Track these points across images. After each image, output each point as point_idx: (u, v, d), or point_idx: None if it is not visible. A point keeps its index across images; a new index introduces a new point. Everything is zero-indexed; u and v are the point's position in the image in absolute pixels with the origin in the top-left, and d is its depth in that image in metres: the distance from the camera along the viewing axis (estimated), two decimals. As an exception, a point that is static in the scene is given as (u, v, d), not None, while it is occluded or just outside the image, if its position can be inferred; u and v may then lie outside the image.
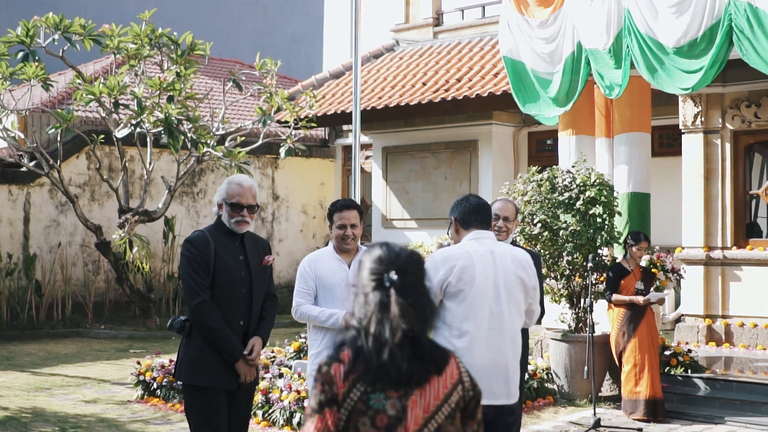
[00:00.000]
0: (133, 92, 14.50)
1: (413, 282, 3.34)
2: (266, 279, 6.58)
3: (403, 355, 3.22)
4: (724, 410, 10.70)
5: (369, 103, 19.16)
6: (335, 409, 3.25)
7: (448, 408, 3.29)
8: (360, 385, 3.24)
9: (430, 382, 3.27)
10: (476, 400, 3.37)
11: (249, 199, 6.36)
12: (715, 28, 10.83)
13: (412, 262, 3.37)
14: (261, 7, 35.96)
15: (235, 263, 6.34)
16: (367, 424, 3.21)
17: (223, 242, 6.34)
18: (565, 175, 11.82)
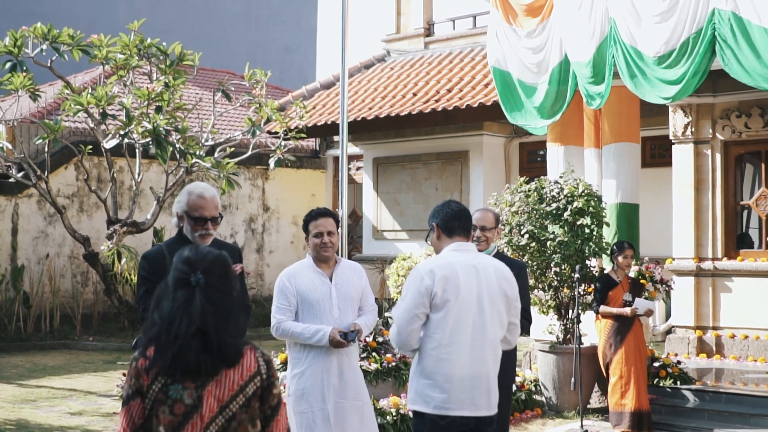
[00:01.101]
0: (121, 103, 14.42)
1: (216, 282, 3.67)
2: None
3: (193, 350, 3.55)
4: (712, 422, 10.64)
5: (360, 114, 19.11)
6: (140, 400, 3.64)
7: (243, 398, 3.66)
8: (161, 378, 3.61)
9: (225, 375, 3.62)
10: (270, 387, 3.74)
11: (212, 211, 6.09)
12: (696, 37, 10.78)
13: (216, 265, 3.72)
14: (254, 18, 35.94)
15: None
16: (166, 412, 3.58)
17: None
18: (553, 185, 11.76)
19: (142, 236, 18.79)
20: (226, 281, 3.73)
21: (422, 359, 5.64)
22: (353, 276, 6.98)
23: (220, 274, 3.72)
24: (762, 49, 10.14)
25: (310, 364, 6.69)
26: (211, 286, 3.67)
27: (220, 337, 3.62)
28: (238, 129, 19.18)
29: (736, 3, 10.35)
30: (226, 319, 3.66)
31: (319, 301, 6.73)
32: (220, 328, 3.63)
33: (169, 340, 3.59)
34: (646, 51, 11.23)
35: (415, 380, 5.68)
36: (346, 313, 6.83)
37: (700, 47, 10.72)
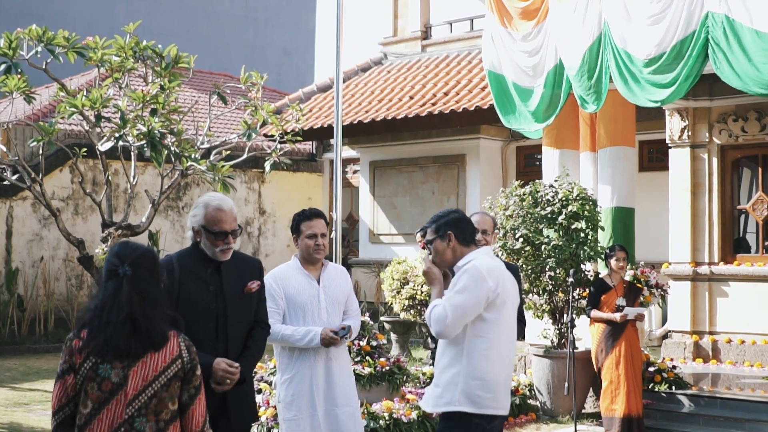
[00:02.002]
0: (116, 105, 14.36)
1: (143, 274, 4.19)
2: (250, 309, 5.86)
3: (123, 334, 4.07)
4: (707, 427, 10.61)
5: (356, 117, 19.06)
6: (72, 375, 4.14)
7: (165, 378, 4.14)
8: (92, 357, 4.09)
9: (150, 357, 4.11)
10: (193, 369, 4.24)
11: (231, 224, 5.73)
12: (688, 40, 10.74)
13: (143, 258, 4.22)
14: (252, 20, 35.90)
15: (202, 294, 5.66)
16: (95, 388, 4.09)
17: (192, 270, 5.68)
18: (548, 189, 11.72)
19: (137, 239, 18.68)
20: (153, 273, 4.25)
21: (471, 359, 5.63)
22: (340, 279, 6.92)
23: (146, 266, 4.23)
24: (753, 53, 10.10)
25: (297, 369, 6.63)
26: (138, 277, 4.18)
27: (147, 322, 4.11)
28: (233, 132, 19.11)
29: (729, 6, 10.31)
30: (153, 306, 4.17)
31: (307, 304, 6.66)
32: (148, 315, 4.13)
33: (101, 325, 4.11)
34: (636, 54, 11.19)
35: (462, 381, 5.63)
36: (334, 316, 6.77)
37: (693, 50, 10.68)
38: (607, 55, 11.58)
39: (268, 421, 9.96)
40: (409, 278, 13.72)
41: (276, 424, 9.91)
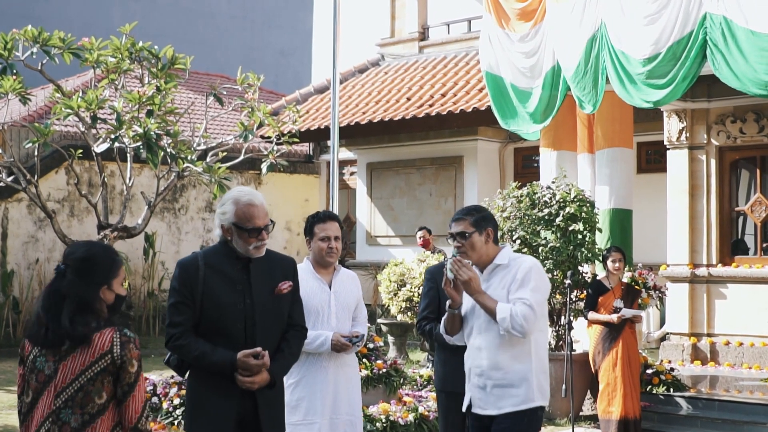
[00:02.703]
0: (112, 106, 14.30)
1: (74, 274, 4.37)
2: (282, 310, 5.49)
3: (41, 328, 4.34)
4: (705, 429, 10.59)
5: (353, 119, 19.01)
6: (22, 366, 4.46)
7: (92, 373, 4.27)
8: (34, 350, 4.38)
9: (80, 352, 4.28)
10: (123, 365, 4.31)
11: (264, 219, 5.41)
12: (684, 41, 10.69)
13: (80, 260, 4.42)
14: (249, 21, 35.83)
15: (229, 294, 5.33)
16: (33, 379, 4.36)
17: (219, 268, 5.36)
18: (545, 190, 11.68)
19: (133, 241, 18.66)
20: (87, 273, 4.39)
21: (539, 354, 5.75)
22: (351, 285, 6.85)
23: (80, 267, 4.40)
24: (750, 53, 10.06)
25: (304, 374, 6.54)
26: (69, 277, 4.38)
27: (48, 317, 4.32)
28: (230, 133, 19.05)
29: (727, 7, 10.26)
30: (76, 304, 4.33)
31: (317, 309, 6.58)
32: (68, 312, 4.31)
33: (36, 320, 4.43)
34: (633, 54, 11.15)
35: (534, 376, 5.70)
36: (343, 322, 6.70)
37: (691, 51, 10.63)
38: (603, 56, 11.54)
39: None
40: (407, 280, 13.66)
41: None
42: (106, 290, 4.48)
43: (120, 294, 4.58)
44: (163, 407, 10.93)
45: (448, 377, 7.37)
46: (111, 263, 4.54)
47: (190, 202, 21.64)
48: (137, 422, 4.34)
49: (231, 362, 5.22)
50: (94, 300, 4.41)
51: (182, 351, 5.31)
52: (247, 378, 5.24)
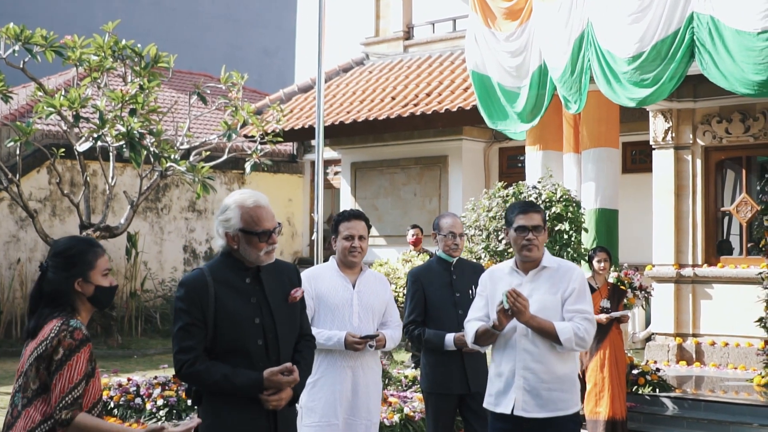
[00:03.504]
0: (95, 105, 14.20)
1: (50, 269, 4.50)
2: (295, 319, 5.11)
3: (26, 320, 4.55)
4: (691, 430, 10.56)
5: (337, 118, 18.93)
6: None
7: (32, 359, 4.35)
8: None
9: (33, 340, 4.40)
10: (50, 350, 4.31)
11: (272, 221, 4.94)
12: (670, 40, 10.64)
13: (52, 254, 4.55)
14: (232, 20, 35.69)
15: (244, 308, 4.87)
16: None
17: (228, 283, 4.89)
18: (531, 190, 11.64)
19: (115, 241, 18.54)
20: (63, 267, 4.48)
21: (576, 359, 5.92)
22: (377, 286, 6.71)
23: (55, 262, 4.50)
24: (739, 53, 10.02)
25: (322, 374, 6.41)
26: (49, 272, 4.51)
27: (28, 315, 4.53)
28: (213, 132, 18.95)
29: (714, 6, 10.23)
30: (47, 298, 4.46)
31: (339, 307, 6.46)
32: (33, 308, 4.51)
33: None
34: (618, 53, 11.11)
35: (577, 381, 5.87)
36: (367, 323, 6.54)
37: (678, 51, 10.59)
38: (589, 55, 11.50)
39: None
40: (392, 280, 13.59)
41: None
42: (82, 283, 4.51)
43: (101, 285, 4.56)
44: (147, 408, 10.86)
45: (439, 380, 7.30)
46: (85, 254, 4.54)
47: (173, 202, 21.51)
48: (53, 411, 4.30)
49: (258, 383, 4.78)
50: (67, 293, 4.48)
51: (199, 378, 4.80)
52: (274, 396, 4.83)
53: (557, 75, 11.89)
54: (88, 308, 4.59)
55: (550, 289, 5.73)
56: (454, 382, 7.26)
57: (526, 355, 5.70)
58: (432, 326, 7.27)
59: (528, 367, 5.69)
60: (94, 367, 4.47)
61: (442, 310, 7.31)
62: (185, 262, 21.86)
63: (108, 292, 4.62)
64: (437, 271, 7.47)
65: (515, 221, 5.81)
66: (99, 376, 4.53)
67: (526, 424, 5.71)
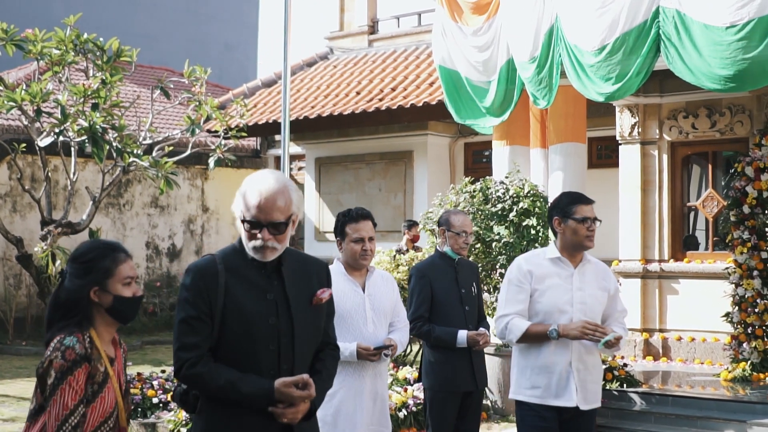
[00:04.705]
0: (56, 99, 14.02)
1: (67, 276, 4.16)
2: (318, 324, 4.43)
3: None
4: (659, 425, 10.52)
5: (302, 113, 18.82)
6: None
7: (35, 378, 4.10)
8: None
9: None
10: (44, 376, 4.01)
11: (273, 213, 4.16)
12: (634, 33, 10.59)
13: (69, 259, 4.20)
14: (193, 14, 35.41)
15: (257, 305, 4.21)
16: None
17: (242, 274, 4.24)
18: (498, 185, 11.63)
19: (77, 237, 18.32)
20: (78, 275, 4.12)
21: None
22: (386, 287, 6.46)
23: (72, 268, 4.16)
24: (705, 47, 10.01)
25: (341, 385, 6.08)
26: (66, 280, 4.17)
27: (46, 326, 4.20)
28: (176, 127, 18.79)
29: (680, 1, 10.21)
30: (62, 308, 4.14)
31: (351, 314, 6.18)
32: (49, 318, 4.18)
33: None
34: (584, 46, 11.07)
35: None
36: (380, 328, 6.32)
37: (643, 45, 10.56)
38: (559, 50, 11.46)
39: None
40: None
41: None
42: (99, 292, 4.12)
43: (121, 295, 4.15)
44: None
45: (449, 377, 7.25)
46: (101, 260, 4.14)
47: (135, 198, 21.32)
48: None
49: (268, 392, 4.13)
50: (81, 303, 4.10)
51: (200, 381, 4.18)
52: (291, 409, 4.16)
53: (526, 70, 11.84)
54: (107, 321, 4.17)
55: (598, 284, 5.88)
56: (462, 380, 7.25)
57: (581, 348, 5.81)
58: (438, 323, 7.19)
59: (582, 359, 5.80)
60: (100, 386, 4.07)
61: (450, 307, 7.26)
62: (148, 259, 21.69)
63: (129, 304, 4.17)
64: (442, 268, 7.41)
65: (575, 212, 5.89)
66: (111, 387, 4.14)
67: (566, 414, 5.79)
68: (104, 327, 4.16)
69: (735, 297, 11.57)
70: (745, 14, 9.55)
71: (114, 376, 4.16)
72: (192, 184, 22.41)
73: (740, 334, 11.51)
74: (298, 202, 4.30)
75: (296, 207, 4.27)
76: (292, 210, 4.23)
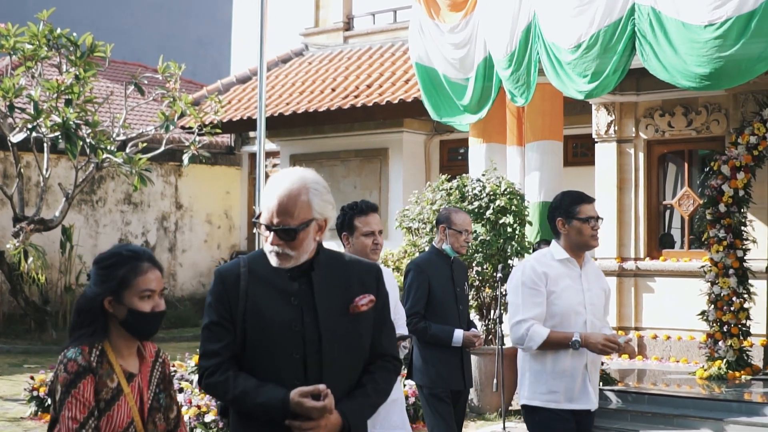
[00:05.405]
0: (29, 95, 13.91)
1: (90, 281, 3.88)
2: (360, 334, 3.97)
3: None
4: (636, 423, 10.53)
5: (276, 110, 18.73)
6: None
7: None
8: None
9: None
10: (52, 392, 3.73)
11: (283, 218, 3.81)
12: (611, 30, 10.60)
13: (93, 263, 3.89)
14: (166, 9, 35.17)
15: (281, 311, 3.88)
16: None
17: (265, 277, 3.92)
18: (475, 183, 11.60)
19: (49, 234, 18.20)
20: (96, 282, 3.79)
21: None
22: (390, 281, 6.10)
23: (93, 273, 3.84)
24: (679, 44, 10.02)
25: None
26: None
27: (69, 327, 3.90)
28: (150, 124, 18.67)
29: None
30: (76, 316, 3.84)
31: None
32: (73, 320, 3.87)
33: None
34: (562, 43, 11.07)
35: None
36: None
37: (619, 43, 10.57)
38: (537, 47, 11.45)
39: (191, 421, 9.64)
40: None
41: (199, 423, 9.61)
42: (113, 302, 3.77)
43: (136, 309, 3.77)
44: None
45: (442, 375, 7.18)
46: (118, 268, 3.77)
47: (108, 194, 21.16)
48: None
49: (282, 403, 3.76)
50: (93, 312, 3.75)
51: (218, 390, 3.91)
52: (309, 423, 3.75)
53: (503, 67, 11.82)
54: (122, 334, 3.81)
55: (599, 284, 5.82)
56: (453, 379, 7.19)
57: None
58: (434, 320, 7.10)
59: (594, 362, 5.80)
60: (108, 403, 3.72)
61: (445, 304, 7.18)
62: (121, 256, 21.52)
63: (144, 320, 3.78)
64: (439, 265, 7.30)
65: (579, 211, 5.76)
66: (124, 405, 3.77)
67: (578, 416, 5.78)
68: (122, 340, 3.82)
69: (711, 295, 11.60)
70: (723, 13, 9.58)
71: (131, 393, 3.78)
72: (166, 181, 22.27)
73: (716, 333, 11.53)
74: (323, 206, 3.89)
75: (318, 212, 3.87)
76: (312, 215, 3.84)
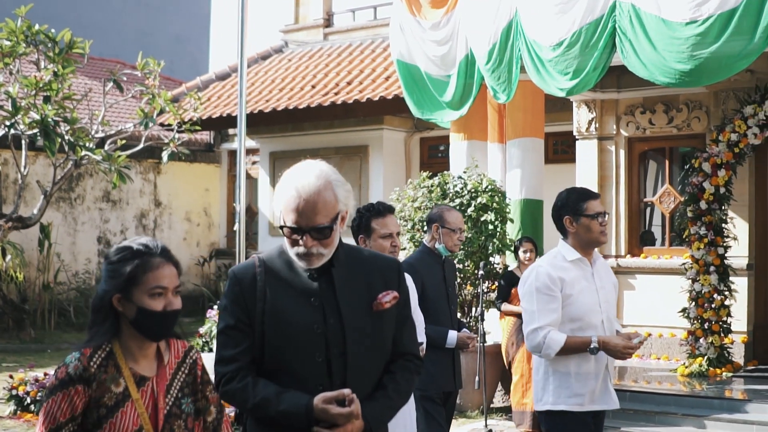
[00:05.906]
0: (7, 92, 13.79)
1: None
2: (383, 333, 3.83)
3: None
4: (617, 420, 10.52)
5: (256, 106, 18.66)
6: None
7: None
8: None
9: None
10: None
11: (315, 217, 3.66)
12: (592, 28, 10.59)
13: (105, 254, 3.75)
14: (143, 5, 34.98)
15: (301, 311, 3.73)
16: None
17: (284, 276, 3.78)
18: (456, 180, 11.60)
19: (27, 232, 18.06)
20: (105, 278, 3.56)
21: None
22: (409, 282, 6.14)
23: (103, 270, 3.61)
24: (658, 41, 10.03)
25: None
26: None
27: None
28: (129, 121, 18.56)
29: (636, -6, 10.22)
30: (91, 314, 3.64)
31: None
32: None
33: None
34: (543, 40, 11.06)
35: None
36: None
37: (600, 40, 10.56)
38: (518, 45, 11.43)
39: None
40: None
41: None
42: (122, 300, 3.54)
43: (146, 308, 3.52)
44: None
45: (435, 377, 7.05)
46: (126, 264, 3.54)
47: (86, 192, 21.03)
48: None
49: (306, 410, 3.59)
50: (102, 311, 3.53)
51: (237, 398, 3.72)
52: (339, 430, 3.60)
53: (485, 65, 11.80)
54: (132, 334, 3.57)
55: (611, 279, 5.81)
56: (445, 380, 7.10)
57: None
58: (426, 321, 6.96)
59: (611, 360, 5.82)
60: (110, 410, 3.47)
61: (438, 305, 7.06)
62: (99, 254, 21.43)
63: (154, 319, 3.53)
64: (431, 264, 7.19)
65: (587, 208, 5.69)
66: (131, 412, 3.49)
67: (595, 418, 5.82)
68: (134, 341, 3.58)
69: (692, 292, 11.63)
70: (705, 10, 9.58)
71: (140, 398, 3.54)
72: (144, 178, 22.16)
73: (697, 330, 11.57)
74: (346, 196, 3.78)
75: (343, 203, 3.75)
76: (338, 209, 3.72)
